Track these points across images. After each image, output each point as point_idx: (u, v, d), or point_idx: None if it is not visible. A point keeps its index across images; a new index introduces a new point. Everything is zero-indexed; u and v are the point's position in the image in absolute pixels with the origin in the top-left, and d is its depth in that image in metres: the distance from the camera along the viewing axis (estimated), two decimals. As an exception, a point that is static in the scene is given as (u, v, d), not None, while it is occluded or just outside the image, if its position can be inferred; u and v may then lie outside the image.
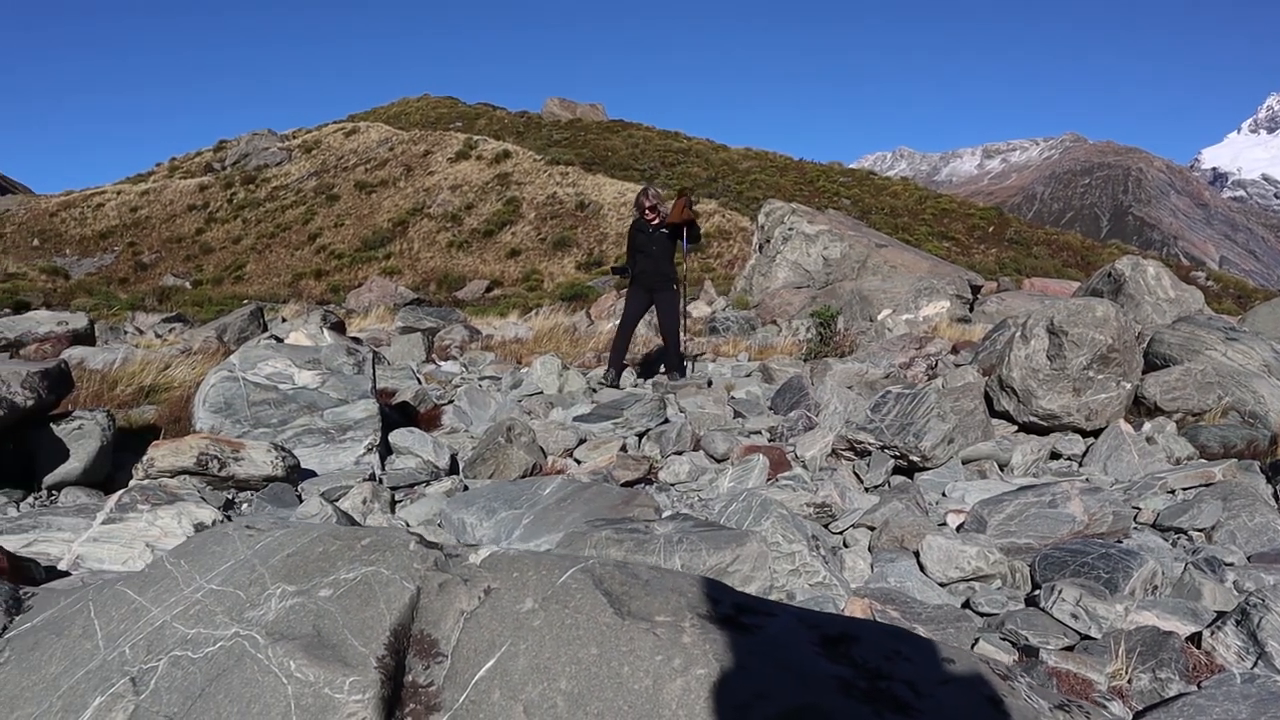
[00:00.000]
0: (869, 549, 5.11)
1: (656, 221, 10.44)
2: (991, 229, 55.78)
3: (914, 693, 1.70)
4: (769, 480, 6.35)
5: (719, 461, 7.16)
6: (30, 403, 5.88)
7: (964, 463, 6.82)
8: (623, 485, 6.22)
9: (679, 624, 1.82)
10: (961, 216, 58.37)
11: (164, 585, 2.10)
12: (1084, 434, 7.44)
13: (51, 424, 6.14)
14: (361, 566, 2.03)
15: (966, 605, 4.27)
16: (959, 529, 5.29)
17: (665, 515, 5.36)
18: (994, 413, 7.92)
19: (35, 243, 56.41)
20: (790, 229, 23.60)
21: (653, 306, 10.67)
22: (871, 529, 5.37)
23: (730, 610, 1.89)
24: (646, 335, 14.09)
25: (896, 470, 6.71)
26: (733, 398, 9.33)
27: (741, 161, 68.09)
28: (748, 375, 10.91)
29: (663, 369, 10.87)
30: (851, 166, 79.70)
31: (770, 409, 8.84)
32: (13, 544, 3.90)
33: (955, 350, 11.59)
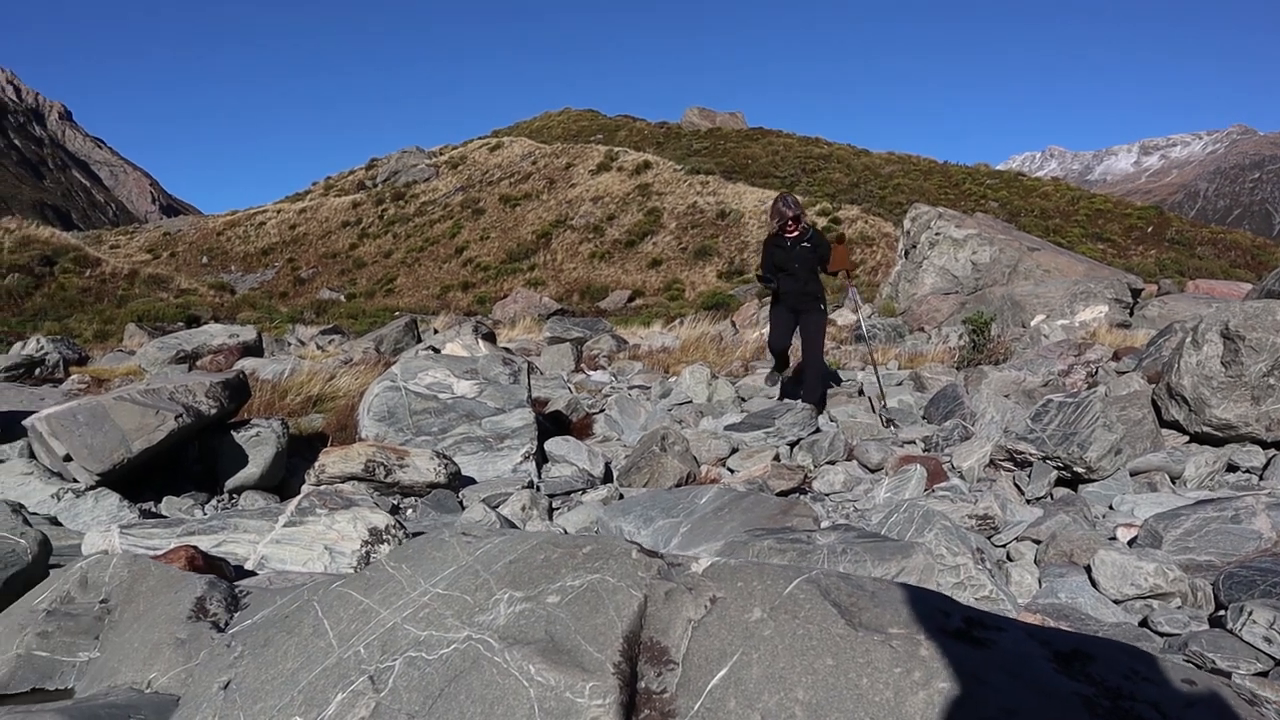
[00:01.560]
0: (1035, 563, 4.95)
1: (797, 234, 9.15)
2: (1150, 229, 53.38)
3: (1160, 714, 1.64)
4: (926, 491, 6.22)
5: (873, 471, 7.06)
6: (213, 411, 6.24)
7: (1132, 474, 6.54)
8: (778, 495, 6.19)
9: (914, 636, 1.80)
10: (1118, 217, 56.05)
11: (389, 588, 2.20)
12: (1264, 445, 7.04)
13: (232, 431, 6.49)
14: (586, 574, 2.08)
15: (1144, 624, 4.09)
16: (1131, 544, 5.07)
17: (824, 525, 5.31)
18: (1163, 422, 7.57)
19: (204, 260, 59.64)
20: (937, 234, 23.09)
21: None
22: (1037, 542, 5.20)
23: (961, 623, 1.87)
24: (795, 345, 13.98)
25: (1059, 482, 6.48)
26: (885, 406, 9.18)
27: (884, 166, 67.02)
28: (899, 384, 10.71)
29: (800, 395, 9.42)
30: (999, 168, 77.53)
31: (924, 418, 8.66)
32: (205, 544, 4.12)
33: (1117, 357, 11.13)
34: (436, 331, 16.37)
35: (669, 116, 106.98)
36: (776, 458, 7.33)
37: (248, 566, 4.21)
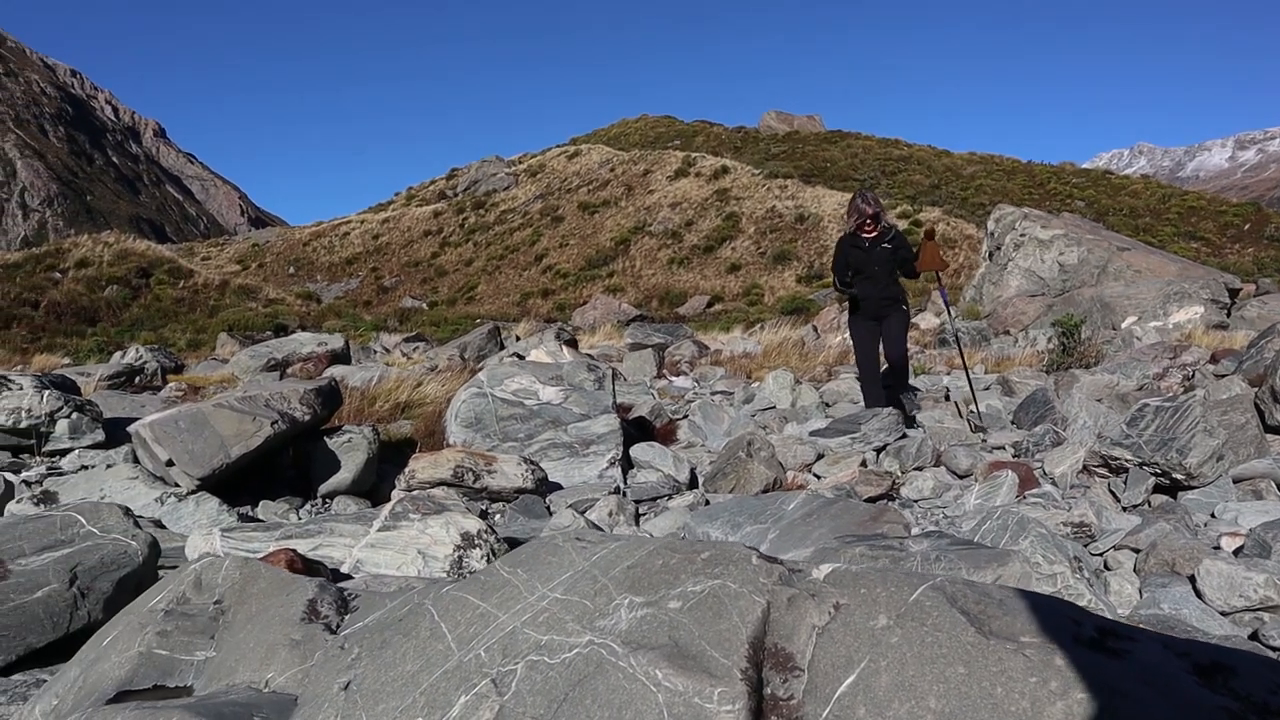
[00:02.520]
0: (1135, 572, 4.83)
1: (875, 233, 8.47)
2: (1247, 226, 51.67)
3: (1311, 731, 1.60)
4: (1018, 498, 6.10)
5: (962, 477, 6.95)
6: (307, 417, 6.39)
7: (1235, 481, 6.33)
8: (866, 501, 6.13)
9: (1047, 645, 1.78)
10: (1212, 214, 54.39)
11: (505, 593, 2.24)
12: (1377, 452, 6.76)
13: (324, 437, 6.64)
14: (706, 580, 2.09)
15: (1254, 637, 3.96)
16: (1237, 553, 4.91)
17: (915, 532, 5.25)
18: (1267, 427, 7.32)
19: (291, 270, 61.07)
20: (1022, 235, 22.66)
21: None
22: (1136, 551, 5.07)
23: (1094, 633, 1.84)
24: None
25: (1157, 489, 6.30)
26: (972, 411, 9.03)
27: (965, 167, 66.00)
28: (986, 388, 10.54)
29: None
30: (1085, 166, 75.78)
31: (1013, 423, 8.51)
32: (303, 547, 4.22)
33: (1214, 359, 10.80)
34: (518, 338, 16.54)
35: (746, 121, 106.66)
36: (863, 463, 7.26)
37: (343, 570, 4.30)
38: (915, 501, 6.43)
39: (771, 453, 6.94)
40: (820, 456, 7.45)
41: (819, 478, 7.03)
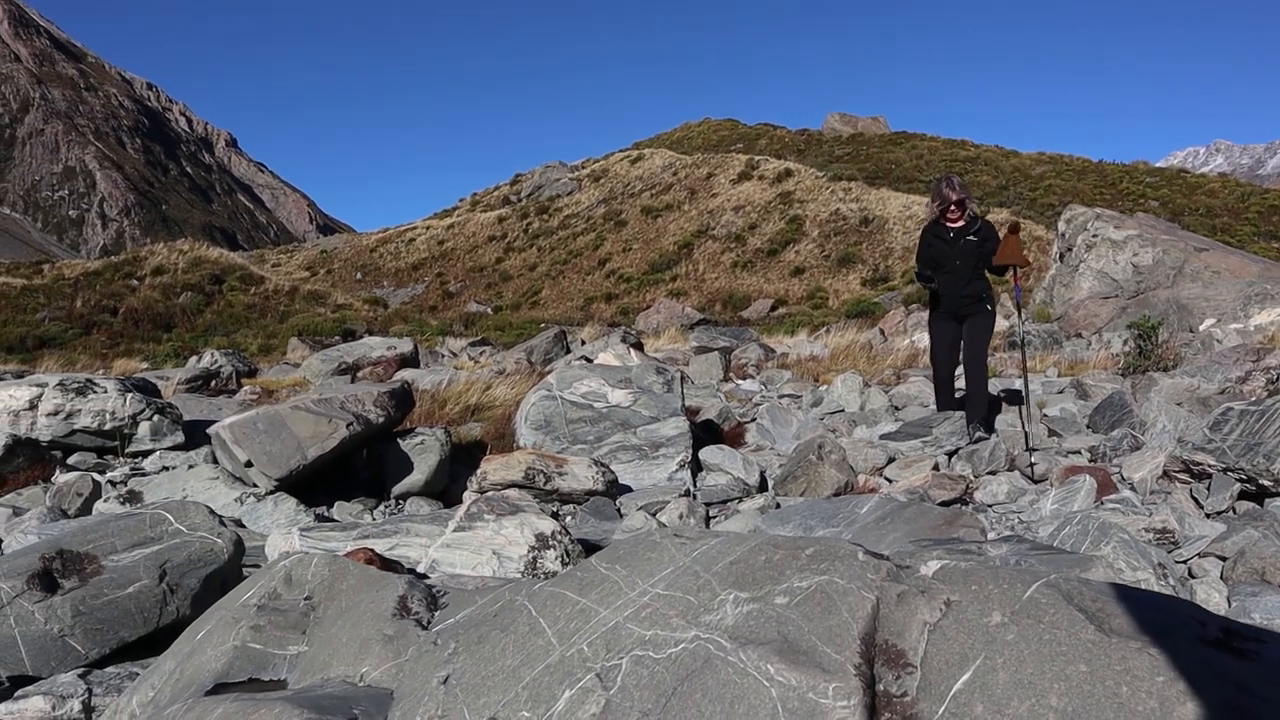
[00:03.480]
0: (1222, 580, 4.70)
1: (962, 223, 7.76)
2: (1331, 226, 50.14)
3: None
4: (1096, 503, 5.98)
5: (1036, 482, 6.84)
6: (381, 419, 6.48)
7: (1326, 488, 6.14)
8: (939, 505, 6.05)
9: (1172, 644, 1.75)
10: (1294, 214, 52.84)
11: (604, 588, 2.25)
12: None
13: (398, 439, 6.72)
14: (813, 575, 2.08)
15: (1350, 645, 3.84)
16: (1328, 560, 4.76)
17: (992, 537, 5.17)
18: (1357, 432, 7.09)
19: (358, 276, 61.99)
20: (1094, 235, 22.21)
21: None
22: (1222, 559, 4.94)
23: (1219, 633, 1.80)
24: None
25: (1242, 495, 6.13)
26: (1045, 415, 8.88)
27: (1034, 167, 64.95)
28: (1059, 391, 10.35)
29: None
30: (1159, 165, 74.13)
31: (1088, 427, 8.35)
32: (380, 547, 4.28)
33: (1300, 362, 10.49)
34: (584, 342, 16.62)
35: (809, 123, 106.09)
36: (935, 467, 7.17)
37: (419, 570, 4.35)
38: (989, 506, 6.34)
39: (842, 456, 6.89)
40: (891, 460, 7.38)
41: (891, 481, 6.96)
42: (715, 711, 1.88)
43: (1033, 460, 7.05)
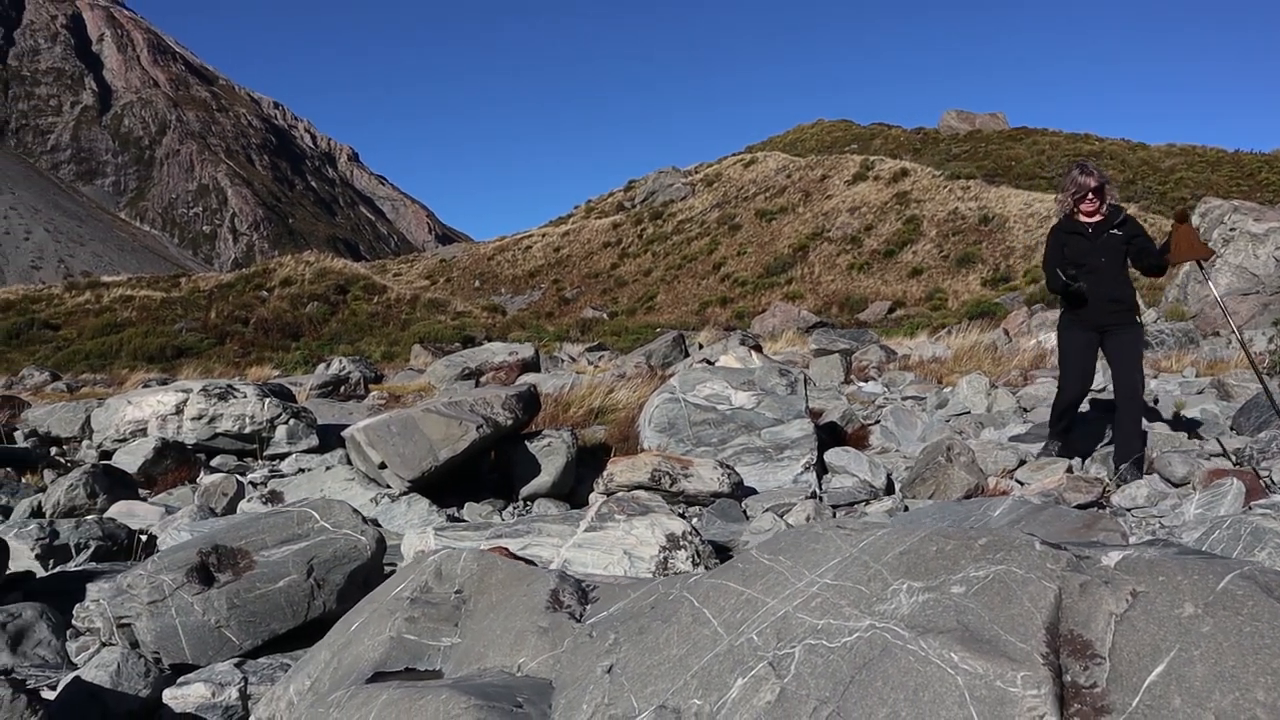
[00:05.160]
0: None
1: (1100, 216, 6.56)
2: None
3: None
4: (1244, 508, 5.71)
5: (1177, 485, 6.56)
6: (509, 422, 6.60)
7: None
8: (1075, 508, 5.87)
9: None
10: None
11: (769, 579, 2.26)
12: None
13: (525, 441, 6.83)
14: (989, 565, 2.06)
15: None
16: None
17: (1134, 541, 4.99)
18: None
19: (476, 284, 63.21)
20: (1232, 229, 21.25)
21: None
22: (1389, 564, 4.67)
23: None
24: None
25: None
26: (1184, 417, 8.53)
27: (1163, 159, 62.52)
28: (1199, 392, 9.94)
29: (1111, 457, 6.83)
30: (1301, 155, 70.49)
31: (1232, 429, 7.99)
32: (513, 546, 4.35)
33: None
34: (701, 346, 16.63)
35: (925, 122, 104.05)
36: (1069, 469, 6.95)
37: (551, 569, 4.41)
38: (1128, 510, 6.12)
39: (971, 458, 6.73)
40: (1022, 463, 7.18)
41: (1022, 484, 6.77)
42: (899, 699, 1.86)
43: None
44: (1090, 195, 6.48)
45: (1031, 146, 68.05)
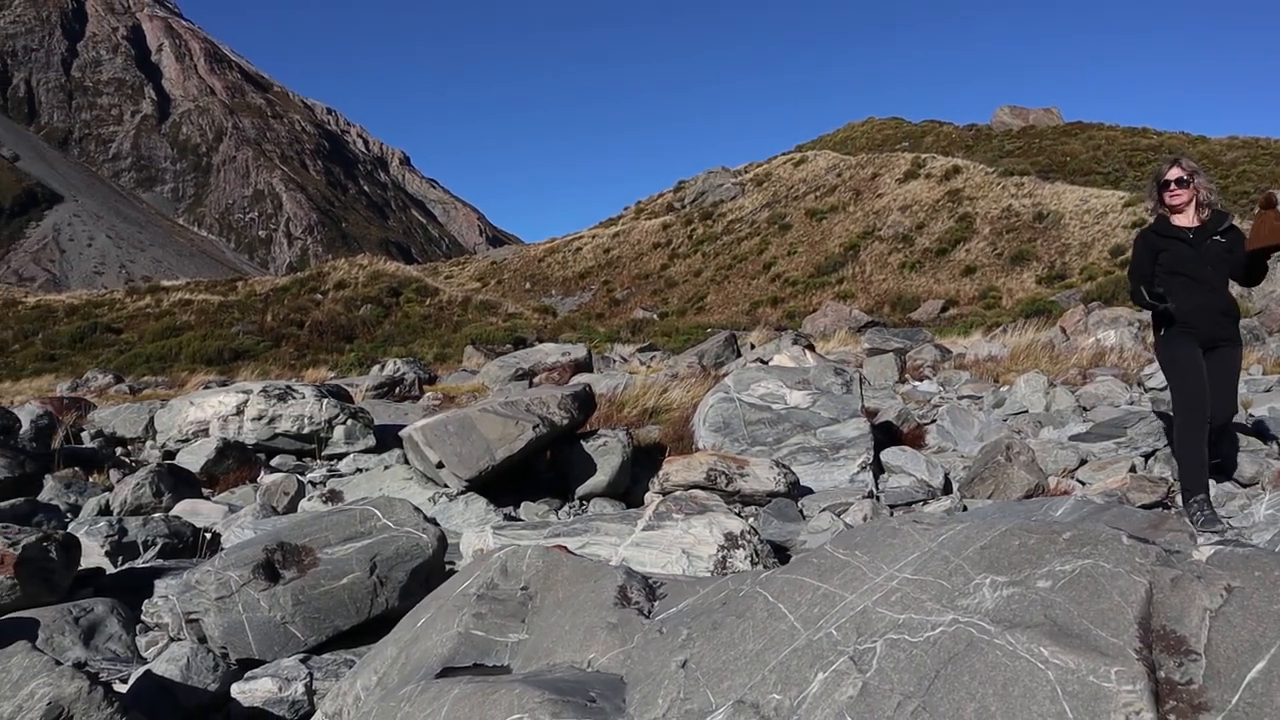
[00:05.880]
0: None
1: (1200, 221, 5.64)
2: None
3: None
4: (1316, 508, 5.58)
5: (1244, 485, 6.43)
6: (565, 422, 6.62)
7: None
8: (1140, 508, 5.77)
9: None
10: None
11: (846, 574, 2.26)
12: None
13: (580, 441, 6.85)
14: (1075, 559, 2.04)
15: None
16: None
17: (1202, 542, 4.89)
18: None
19: (527, 285, 63.51)
20: (1299, 224, 20.77)
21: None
22: None
23: None
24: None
25: None
26: (1250, 415, 8.35)
27: (1225, 153, 61.19)
28: (1266, 390, 9.73)
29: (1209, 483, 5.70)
30: (1368, 146, 68.66)
31: (1301, 427, 7.81)
32: (571, 545, 4.37)
33: None
34: (753, 346, 16.56)
35: (977, 118, 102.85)
36: (1132, 469, 6.84)
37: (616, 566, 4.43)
38: (1196, 510, 6.00)
39: (1031, 457, 6.65)
40: (1083, 462, 7.08)
41: (1084, 484, 6.67)
42: (987, 694, 1.84)
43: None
44: (1173, 186, 5.66)
45: (1087, 142, 66.98)
